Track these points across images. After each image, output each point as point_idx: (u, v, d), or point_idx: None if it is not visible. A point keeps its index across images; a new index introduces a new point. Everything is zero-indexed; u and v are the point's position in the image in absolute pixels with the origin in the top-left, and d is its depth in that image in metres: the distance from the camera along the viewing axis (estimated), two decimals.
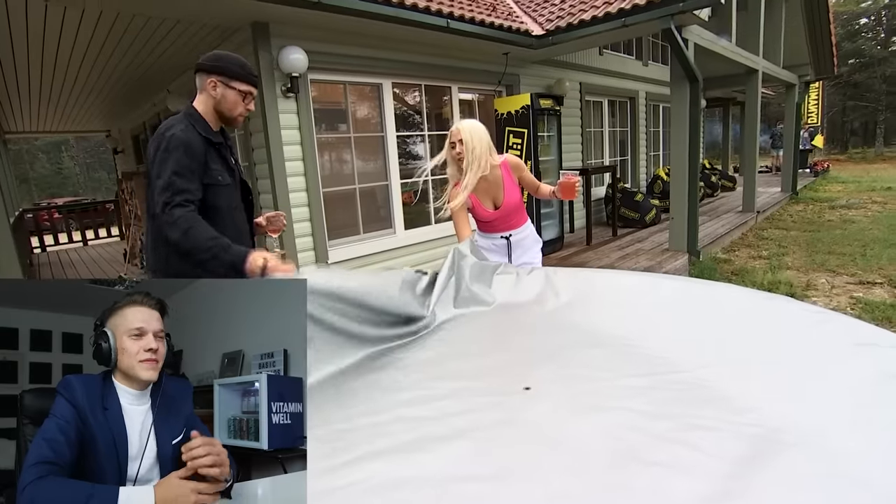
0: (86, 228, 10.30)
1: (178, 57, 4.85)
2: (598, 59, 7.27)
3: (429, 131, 5.21)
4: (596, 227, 6.82)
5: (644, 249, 5.52)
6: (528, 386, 1.20)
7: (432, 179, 5.25)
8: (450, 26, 4.24)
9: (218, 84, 1.61)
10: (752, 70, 7.36)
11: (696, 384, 1.13)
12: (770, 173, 14.63)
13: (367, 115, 4.72)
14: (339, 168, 4.61)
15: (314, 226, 4.11)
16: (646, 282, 1.67)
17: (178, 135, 1.53)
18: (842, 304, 3.96)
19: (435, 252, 5.13)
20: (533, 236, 2.37)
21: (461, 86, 5.36)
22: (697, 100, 4.92)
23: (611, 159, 8.08)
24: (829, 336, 1.20)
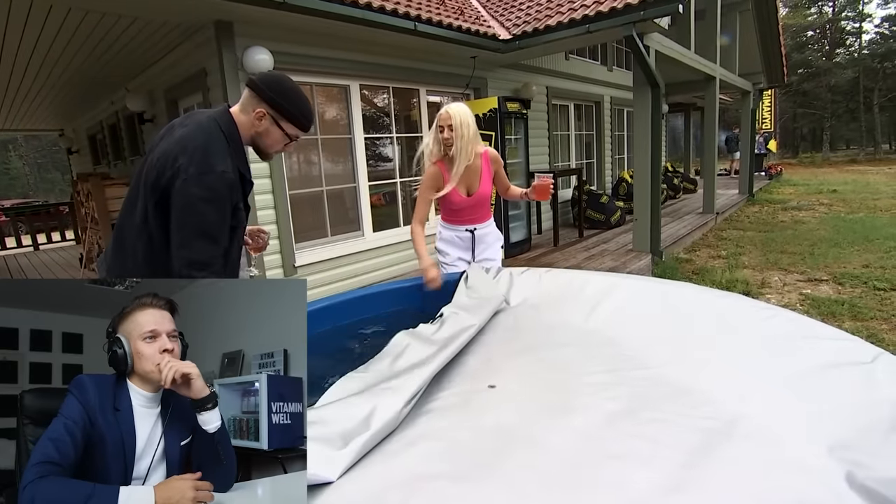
0: (37, 232, 9.77)
1: (138, 54, 4.68)
2: (565, 64, 7.42)
3: (397, 133, 5.20)
4: (563, 229, 6.92)
5: (609, 250, 5.65)
6: (493, 384, 1.23)
7: (401, 182, 5.24)
8: (417, 29, 4.25)
9: (266, 117, 1.38)
10: (710, 77, 7.67)
11: (657, 380, 1.18)
12: (727, 176, 15.25)
13: (335, 117, 4.68)
14: (307, 170, 4.54)
15: (280, 229, 4.04)
16: (609, 281, 1.72)
17: (229, 176, 1.30)
18: (792, 300, 4.17)
19: (404, 254, 5.11)
20: (495, 233, 2.41)
21: (429, 88, 5.37)
22: (659, 105, 5.09)
23: (577, 162, 8.23)
24: (777, 331, 1.27)
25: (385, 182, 5.16)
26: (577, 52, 7.72)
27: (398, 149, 5.24)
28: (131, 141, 6.38)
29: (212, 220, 1.27)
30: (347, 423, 1.00)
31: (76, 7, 3.44)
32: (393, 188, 5.22)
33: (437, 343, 1.43)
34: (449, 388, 1.23)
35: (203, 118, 1.36)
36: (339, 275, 4.53)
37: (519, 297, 1.87)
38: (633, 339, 1.42)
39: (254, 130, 1.40)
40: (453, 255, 2.37)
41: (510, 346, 1.50)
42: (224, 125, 1.36)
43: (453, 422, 1.08)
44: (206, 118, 1.36)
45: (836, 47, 30.45)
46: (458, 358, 1.39)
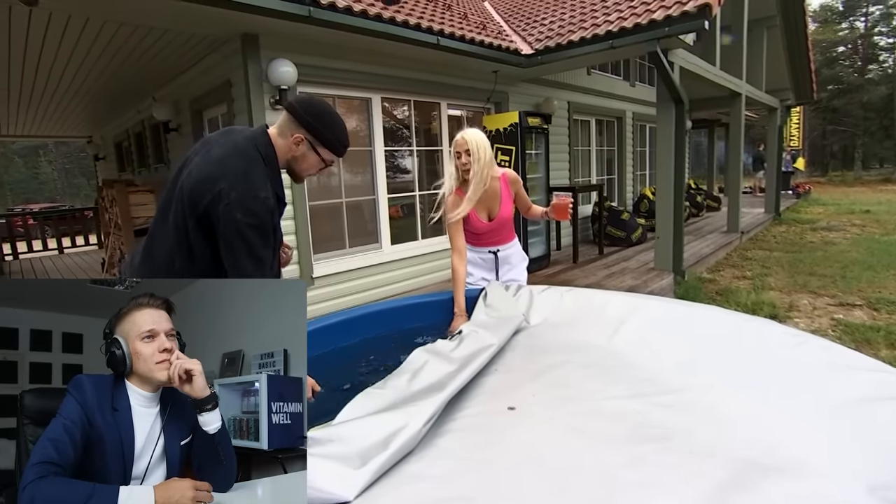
0: (62, 236, 10.08)
1: (166, 65, 4.85)
2: (587, 79, 7.44)
3: (417, 146, 5.26)
4: (582, 246, 6.88)
5: (630, 268, 5.59)
6: (513, 406, 1.22)
7: (419, 195, 5.28)
8: (440, 44, 4.32)
9: (304, 142, 1.40)
10: (736, 93, 7.60)
11: (681, 406, 1.15)
12: (752, 194, 14.99)
13: (356, 129, 4.75)
14: (326, 181, 4.61)
15: (299, 240, 4.09)
16: (632, 302, 1.70)
17: (271, 202, 1.34)
18: (823, 325, 4.05)
19: (422, 268, 5.13)
20: (520, 254, 2.41)
21: (450, 102, 5.43)
22: (683, 121, 5.06)
23: (598, 178, 8.20)
24: (809, 359, 1.24)
25: (404, 195, 5.20)
26: (599, 68, 7.73)
27: (417, 162, 5.28)
28: (156, 149, 6.57)
29: (258, 243, 1.31)
30: (365, 442, 1.00)
31: (111, 20, 3.59)
32: (412, 201, 5.26)
33: (455, 361, 1.43)
34: (468, 409, 1.22)
35: (240, 139, 1.39)
36: (356, 287, 4.56)
37: (539, 315, 1.86)
38: (656, 362, 1.40)
39: (290, 154, 1.42)
40: (477, 275, 2.37)
41: (530, 367, 1.48)
42: (262, 147, 1.38)
43: (473, 443, 1.07)
44: (243, 139, 1.39)
45: (868, 63, 29.92)
46: (477, 377, 1.39)
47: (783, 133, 11.85)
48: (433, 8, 5.32)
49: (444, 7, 5.70)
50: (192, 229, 1.32)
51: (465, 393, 1.29)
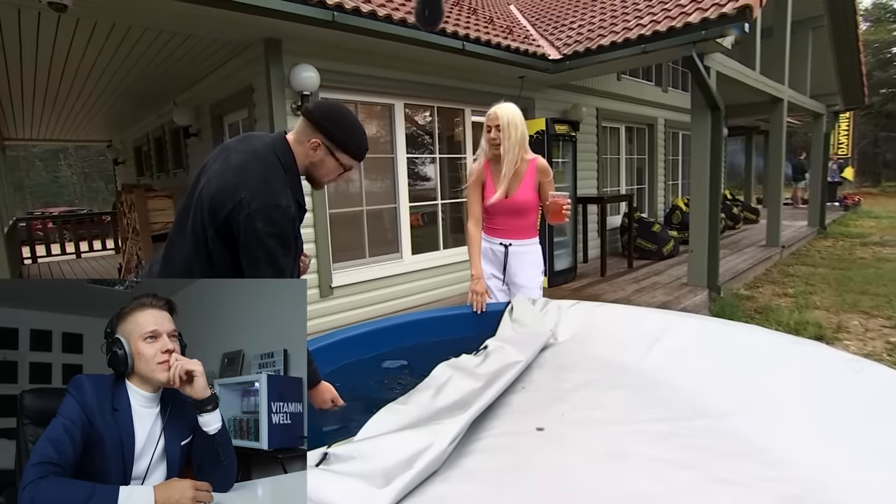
0: (80, 240, 10.44)
1: (188, 70, 5.01)
2: (616, 85, 7.41)
3: (440, 154, 5.30)
4: (611, 258, 6.82)
5: (661, 283, 5.52)
6: (542, 426, 1.21)
7: (441, 203, 5.31)
8: (466, 49, 4.37)
9: (321, 147, 1.42)
10: (777, 99, 7.46)
11: (720, 432, 1.13)
12: (793, 206, 14.63)
13: (378, 136, 4.82)
14: (347, 188, 4.68)
15: (319, 248, 4.16)
16: (666, 319, 1.68)
17: (293, 210, 1.37)
18: (877, 349, 3.91)
19: (443, 279, 5.15)
20: (534, 257, 2.35)
21: (475, 108, 5.47)
22: (719, 128, 4.99)
23: (627, 188, 8.14)
24: (866, 388, 1.18)
25: (426, 203, 5.25)
26: (629, 73, 7.70)
27: (440, 169, 5.33)
28: (175, 154, 6.78)
29: (278, 252, 1.33)
30: (389, 461, 1.01)
31: (136, 25, 3.74)
32: (433, 209, 5.30)
33: (481, 378, 1.43)
34: (494, 428, 1.22)
35: (260, 145, 1.41)
36: (376, 297, 4.60)
37: (567, 332, 1.85)
38: (693, 384, 1.38)
39: (308, 160, 1.45)
40: (486, 269, 2.35)
41: (558, 385, 1.48)
42: (281, 154, 1.41)
43: (500, 465, 1.07)
44: (262, 146, 1.41)
45: None
46: (503, 395, 1.38)
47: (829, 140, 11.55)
48: (458, 12, 5.39)
49: (470, 11, 5.77)
50: (211, 238, 1.35)
51: (490, 411, 1.29)
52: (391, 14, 3.82)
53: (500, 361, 1.53)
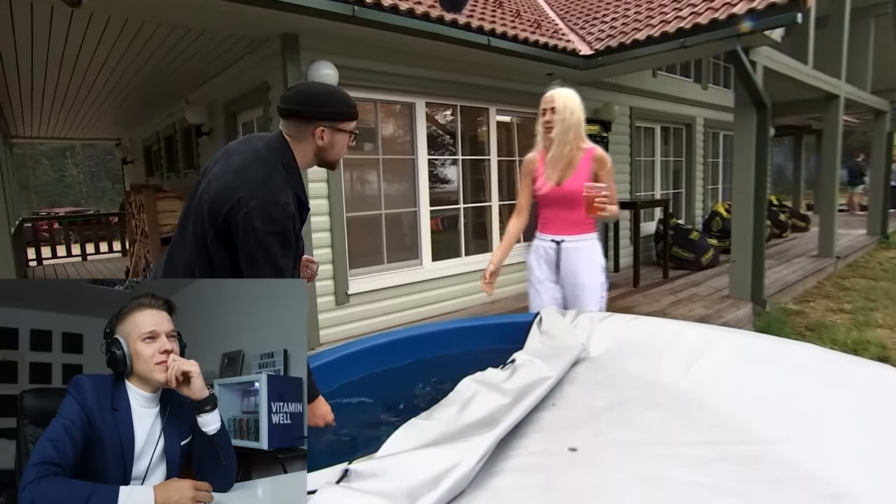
0: (86, 241, 10.73)
1: (201, 66, 5.15)
2: (652, 82, 7.36)
3: (462, 155, 5.34)
4: (644, 267, 6.75)
5: (700, 295, 5.45)
6: (575, 447, 1.22)
7: (464, 207, 5.34)
8: (491, 44, 4.40)
9: (326, 131, 1.49)
10: (832, 95, 7.27)
11: (769, 459, 1.12)
12: (849, 212, 14.26)
13: (397, 136, 4.88)
14: (365, 191, 4.74)
15: (335, 253, 4.22)
16: (709, 335, 1.66)
17: (292, 207, 1.43)
18: None
19: (465, 287, 5.17)
20: (591, 253, 2.31)
21: (500, 107, 5.50)
22: (765, 128, 4.91)
23: (662, 192, 8.06)
24: None
25: (447, 207, 5.29)
26: (666, 69, 7.64)
27: (462, 172, 5.36)
28: (186, 153, 6.95)
29: (278, 252, 1.40)
30: (413, 479, 1.02)
31: (150, 20, 3.86)
32: (455, 213, 5.33)
33: (508, 393, 1.44)
34: (523, 447, 1.23)
35: (260, 146, 1.49)
36: (394, 306, 4.64)
37: (601, 346, 1.85)
38: (738, 406, 1.36)
39: (317, 149, 1.52)
40: (536, 271, 2.35)
41: (592, 403, 1.48)
42: (280, 153, 1.48)
43: (530, 486, 1.08)
44: (262, 146, 1.49)
45: None
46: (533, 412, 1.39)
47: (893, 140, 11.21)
48: (483, 5, 5.43)
49: (496, 4, 5.81)
50: (211, 240, 1.42)
51: (520, 429, 1.30)
52: (413, 8, 3.88)
53: (528, 376, 1.53)
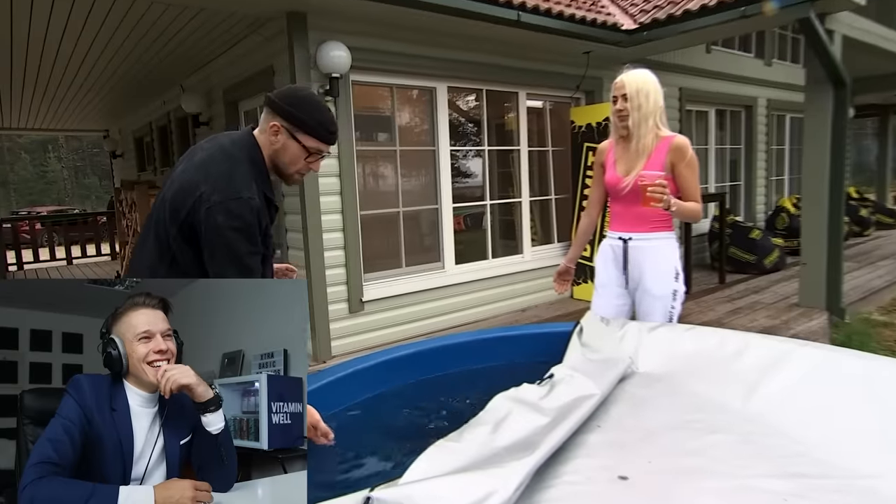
0: (71, 244, 10.98)
1: (197, 50, 5.26)
2: (705, 59, 7.27)
3: (488, 145, 5.34)
4: (697, 271, 6.67)
5: (763, 303, 5.38)
6: (625, 475, 1.22)
7: (490, 204, 5.36)
8: (521, 20, 4.39)
9: (281, 131, 1.56)
10: None
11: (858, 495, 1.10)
12: None
13: (416, 125, 4.92)
14: (380, 187, 4.78)
15: (348, 256, 4.26)
16: (779, 349, 1.65)
17: (256, 202, 1.50)
18: None
19: (492, 293, 5.17)
20: (661, 257, 2.26)
21: (530, 91, 5.48)
22: (844, 108, 4.80)
23: (717, 185, 7.96)
24: None
25: (471, 204, 5.31)
26: (722, 43, 7.54)
27: (488, 164, 5.37)
28: (182, 146, 7.10)
29: (242, 248, 1.48)
30: None
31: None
32: (480, 211, 5.34)
33: (547, 413, 1.46)
34: (566, 474, 1.24)
35: (226, 141, 1.59)
36: (414, 314, 4.68)
37: (650, 360, 1.85)
38: (818, 433, 1.33)
39: (272, 148, 1.59)
40: (602, 275, 2.36)
41: (642, 425, 1.48)
42: (246, 148, 1.58)
43: None
44: (228, 142, 1.59)
45: None
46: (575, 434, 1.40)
47: None
48: None
49: None
50: (174, 238, 1.51)
51: (562, 453, 1.31)
52: None
53: (569, 394, 1.55)
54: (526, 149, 5.58)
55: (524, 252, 5.63)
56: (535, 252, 5.68)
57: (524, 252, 5.63)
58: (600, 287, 2.39)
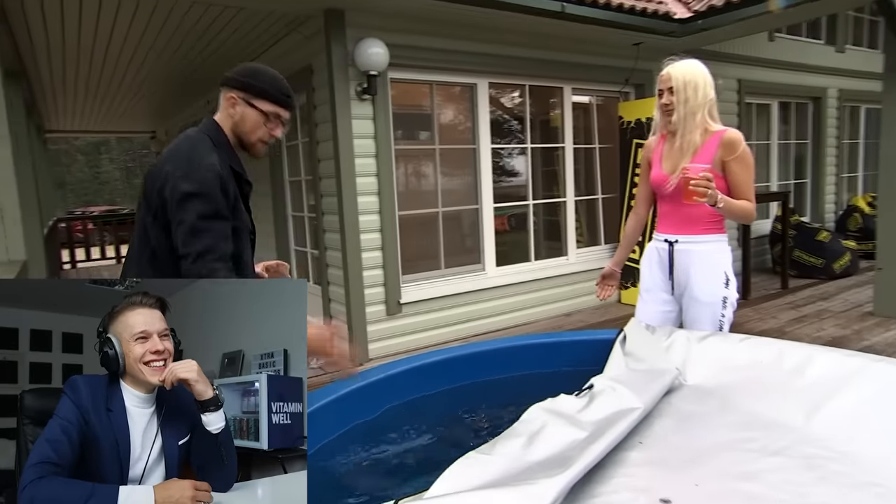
0: (121, 243, 11.51)
1: (238, 49, 5.42)
2: (767, 47, 7.03)
3: (531, 143, 5.30)
4: (756, 276, 6.51)
5: (832, 311, 5.20)
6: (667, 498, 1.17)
7: (533, 204, 5.30)
8: (565, 11, 4.34)
9: (238, 101, 1.65)
10: None
11: None
12: None
13: (456, 122, 4.91)
14: (420, 186, 4.80)
15: (386, 257, 4.30)
16: (849, 364, 1.55)
17: (218, 168, 1.56)
18: None
19: (535, 297, 5.13)
20: (713, 261, 2.16)
21: (576, 86, 5.42)
22: None
23: (780, 183, 7.77)
24: None
25: (514, 204, 5.28)
26: (786, 29, 7.27)
27: (531, 162, 5.33)
28: None
29: (205, 210, 1.53)
30: None
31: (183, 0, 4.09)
32: (523, 211, 5.30)
33: (585, 426, 1.41)
34: (603, 494, 1.19)
35: (190, 131, 1.71)
36: (452, 317, 4.68)
37: (700, 372, 1.77)
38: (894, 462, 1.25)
39: (231, 121, 1.68)
40: (647, 278, 2.31)
41: (689, 444, 1.41)
42: (206, 128, 1.69)
43: None
44: (194, 130, 1.70)
45: None
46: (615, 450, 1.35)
47: None
48: None
49: None
50: (150, 228, 1.59)
51: (599, 471, 1.27)
52: None
53: (609, 406, 1.49)
54: (571, 146, 5.52)
55: (569, 254, 5.57)
56: (580, 254, 5.61)
57: (569, 254, 5.57)
58: (645, 292, 2.32)
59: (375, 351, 4.29)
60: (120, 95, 8.07)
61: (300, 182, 5.40)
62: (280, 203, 5.82)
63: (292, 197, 5.74)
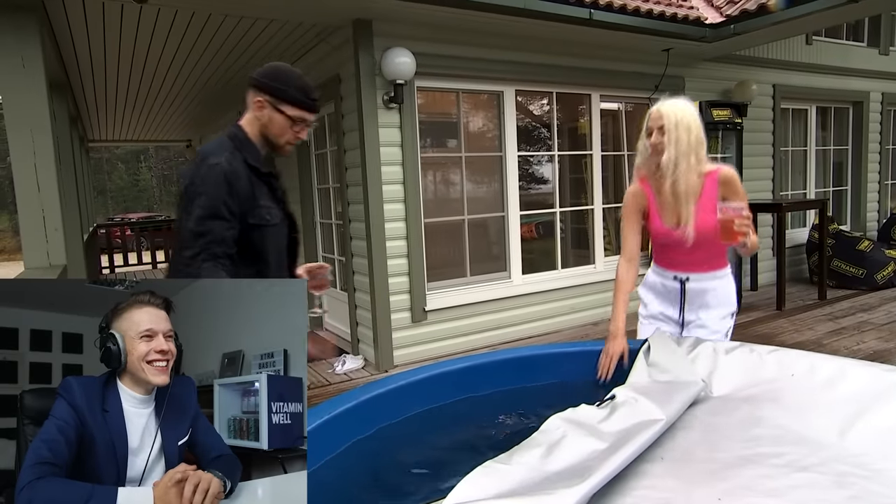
0: (157, 249, 11.84)
1: (271, 58, 5.46)
2: (804, 50, 6.88)
3: (559, 150, 5.28)
4: (792, 286, 6.41)
5: (873, 323, 5.05)
6: None
7: (560, 212, 5.27)
8: (593, 18, 4.32)
9: (266, 105, 1.71)
10: None
11: None
12: None
13: (483, 130, 4.92)
14: (446, 193, 4.81)
15: (412, 264, 4.32)
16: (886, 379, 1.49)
17: (223, 165, 1.62)
18: None
19: (561, 305, 5.10)
20: (723, 293, 2.21)
21: (604, 93, 5.39)
22: None
23: (818, 190, 7.60)
24: None
25: (541, 212, 5.26)
26: (824, 32, 7.10)
27: (559, 169, 5.31)
28: None
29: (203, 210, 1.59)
30: None
31: (216, 12, 4.20)
32: (550, 219, 5.28)
33: (606, 437, 1.39)
34: None
35: (220, 137, 1.78)
36: (478, 325, 4.68)
37: (726, 384, 1.74)
38: None
39: (259, 123, 1.74)
40: (654, 307, 2.28)
41: (714, 457, 1.38)
42: (229, 129, 1.76)
43: None
44: (220, 136, 1.77)
45: None
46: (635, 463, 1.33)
47: None
48: None
49: None
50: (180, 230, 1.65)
51: (618, 483, 1.25)
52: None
53: (631, 418, 1.47)
54: (599, 153, 5.48)
55: (596, 262, 5.52)
56: (608, 262, 5.54)
57: (596, 262, 5.52)
58: (647, 318, 2.28)
59: (400, 358, 4.30)
60: (157, 106, 8.34)
61: (328, 189, 5.48)
62: (309, 210, 5.91)
63: (321, 204, 5.82)
